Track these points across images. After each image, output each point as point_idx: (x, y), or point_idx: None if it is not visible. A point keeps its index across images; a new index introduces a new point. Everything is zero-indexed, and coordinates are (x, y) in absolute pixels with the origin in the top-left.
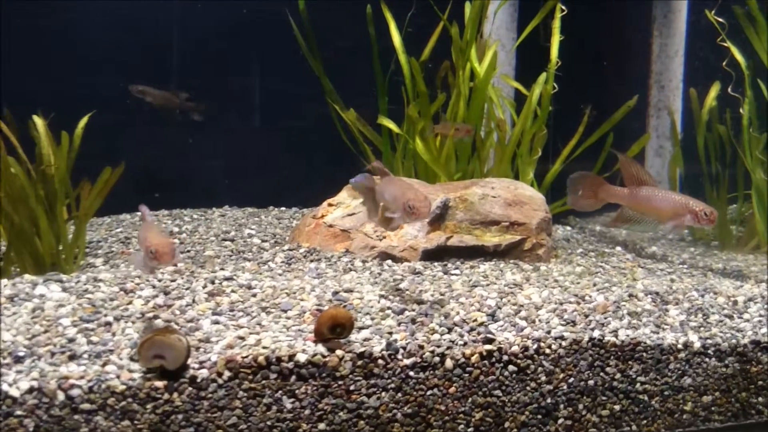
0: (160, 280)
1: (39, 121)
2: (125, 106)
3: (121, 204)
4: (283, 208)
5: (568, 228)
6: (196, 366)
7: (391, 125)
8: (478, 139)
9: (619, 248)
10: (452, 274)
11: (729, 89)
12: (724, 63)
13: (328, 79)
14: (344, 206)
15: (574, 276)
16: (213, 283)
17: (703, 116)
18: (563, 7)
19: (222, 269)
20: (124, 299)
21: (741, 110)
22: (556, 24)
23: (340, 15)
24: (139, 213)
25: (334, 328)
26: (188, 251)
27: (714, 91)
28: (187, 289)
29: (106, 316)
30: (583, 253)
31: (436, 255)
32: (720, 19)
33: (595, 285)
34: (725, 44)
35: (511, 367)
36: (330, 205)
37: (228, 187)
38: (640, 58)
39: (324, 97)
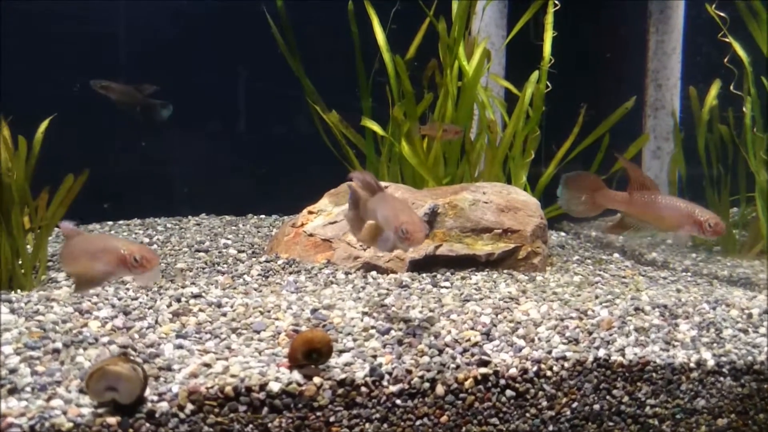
0: (120, 298)
1: None
2: (89, 105)
3: (91, 213)
4: (262, 216)
5: (562, 233)
6: (155, 398)
7: (376, 127)
8: (468, 141)
9: (617, 255)
10: (442, 287)
11: (731, 87)
12: (725, 60)
13: (309, 80)
14: (325, 214)
15: (573, 287)
16: (179, 301)
17: (703, 116)
18: (556, 2)
19: (193, 284)
20: (79, 321)
21: (744, 109)
22: (549, 20)
23: (320, 12)
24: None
25: (309, 354)
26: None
27: (715, 89)
28: (150, 308)
29: (54, 341)
30: (580, 260)
31: (424, 265)
32: (721, 14)
33: (597, 297)
34: (726, 40)
35: (508, 392)
36: (310, 212)
37: (204, 195)
38: (635, 56)
39: (305, 98)
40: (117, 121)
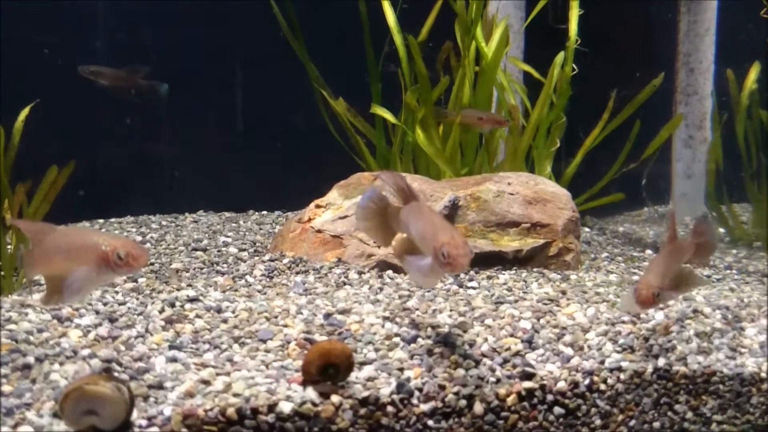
0: (106, 303)
1: None
2: (79, 93)
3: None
4: (264, 212)
5: (586, 229)
6: (143, 423)
7: (387, 114)
8: (480, 131)
9: (649, 251)
10: (468, 287)
11: None
12: None
13: (314, 65)
14: (335, 207)
15: (615, 287)
16: (173, 306)
17: (742, 100)
18: None
19: (189, 286)
20: (57, 330)
21: None
22: None
23: None
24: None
25: (325, 369)
26: (151, 264)
27: (755, 71)
28: (139, 314)
29: (26, 355)
30: (609, 257)
31: None
32: None
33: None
34: None
35: (557, 410)
36: (318, 206)
37: (201, 190)
38: (665, 38)
39: (310, 84)
40: (104, 109)
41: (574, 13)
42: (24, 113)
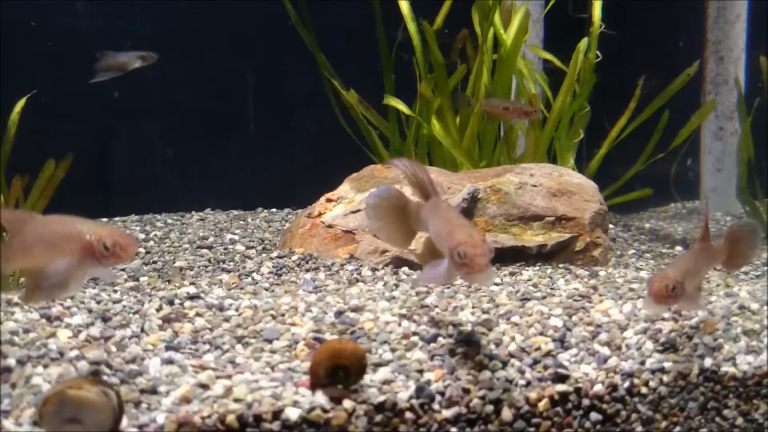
0: (99, 301)
1: None
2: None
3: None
4: (273, 210)
5: (611, 226)
6: (134, 431)
7: (401, 106)
8: (504, 121)
9: (679, 248)
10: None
11: None
12: None
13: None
14: (347, 201)
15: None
16: (171, 303)
17: None
18: None
19: (192, 284)
20: (45, 330)
21: None
22: None
23: None
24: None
25: (334, 372)
26: (154, 262)
27: None
28: (135, 312)
29: (6, 357)
30: (637, 254)
31: None
32: None
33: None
34: None
35: (594, 415)
36: (329, 200)
37: (208, 188)
38: (693, 25)
39: (320, 74)
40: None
41: (598, 1)
42: (20, 104)
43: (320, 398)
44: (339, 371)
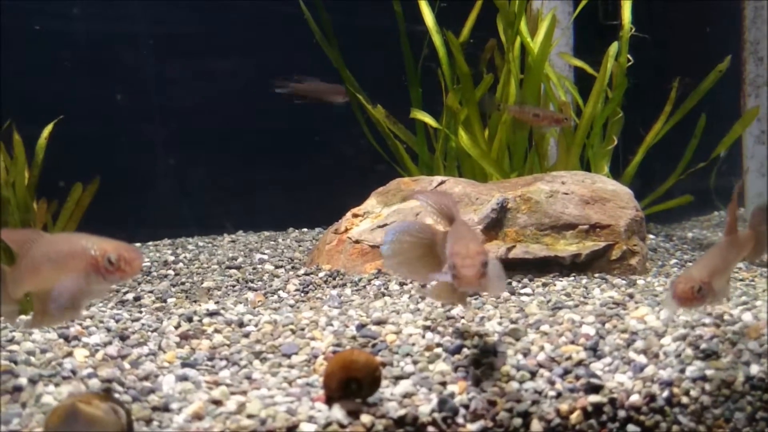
0: (118, 321)
1: None
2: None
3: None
4: (304, 230)
5: (651, 236)
6: None
7: (428, 119)
8: (535, 129)
9: None
10: (521, 294)
11: None
12: None
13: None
14: (373, 216)
15: None
16: (190, 320)
17: None
18: None
19: (216, 302)
20: (62, 350)
21: None
22: None
23: None
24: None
25: (346, 383)
26: (182, 283)
27: None
28: (153, 330)
29: (18, 377)
30: (679, 264)
31: None
32: None
33: (727, 300)
34: None
35: (631, 428)
36: (355, 215)
37: (239, 211)
38: (729, 26)
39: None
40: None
41: (627, 3)
42: (48, 129)
43: (337, 413)
44: (351, 383)
